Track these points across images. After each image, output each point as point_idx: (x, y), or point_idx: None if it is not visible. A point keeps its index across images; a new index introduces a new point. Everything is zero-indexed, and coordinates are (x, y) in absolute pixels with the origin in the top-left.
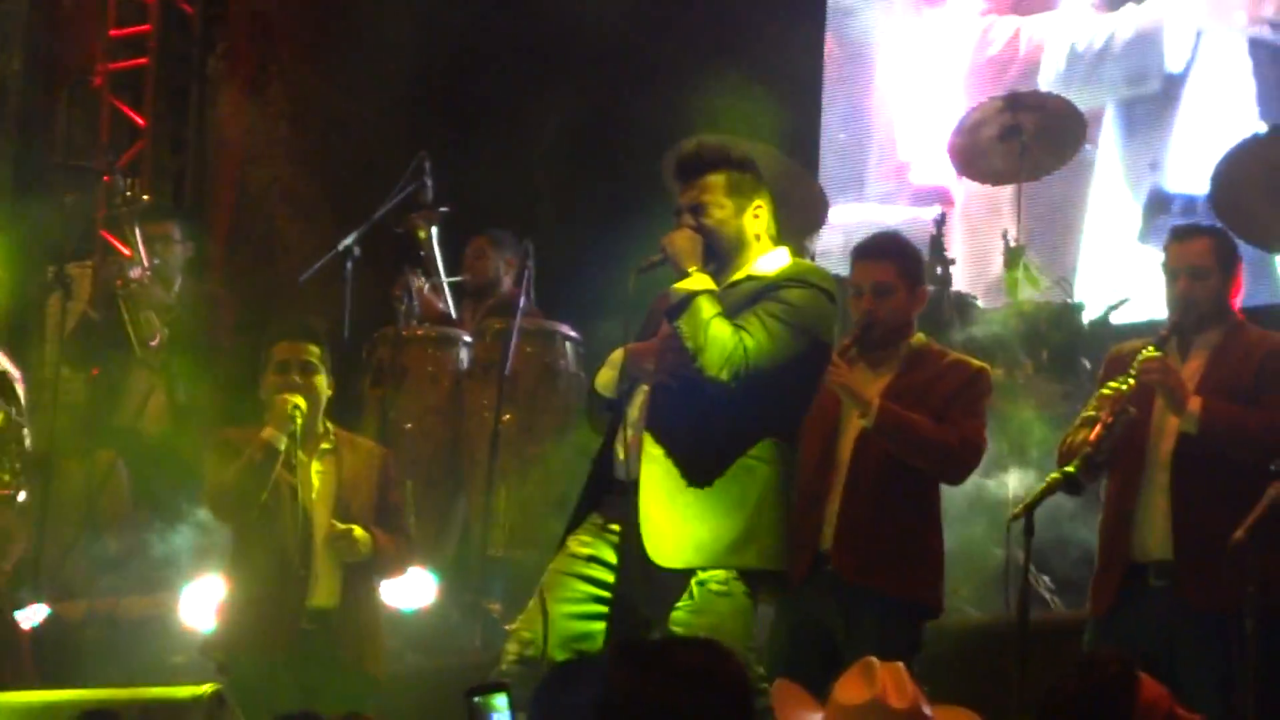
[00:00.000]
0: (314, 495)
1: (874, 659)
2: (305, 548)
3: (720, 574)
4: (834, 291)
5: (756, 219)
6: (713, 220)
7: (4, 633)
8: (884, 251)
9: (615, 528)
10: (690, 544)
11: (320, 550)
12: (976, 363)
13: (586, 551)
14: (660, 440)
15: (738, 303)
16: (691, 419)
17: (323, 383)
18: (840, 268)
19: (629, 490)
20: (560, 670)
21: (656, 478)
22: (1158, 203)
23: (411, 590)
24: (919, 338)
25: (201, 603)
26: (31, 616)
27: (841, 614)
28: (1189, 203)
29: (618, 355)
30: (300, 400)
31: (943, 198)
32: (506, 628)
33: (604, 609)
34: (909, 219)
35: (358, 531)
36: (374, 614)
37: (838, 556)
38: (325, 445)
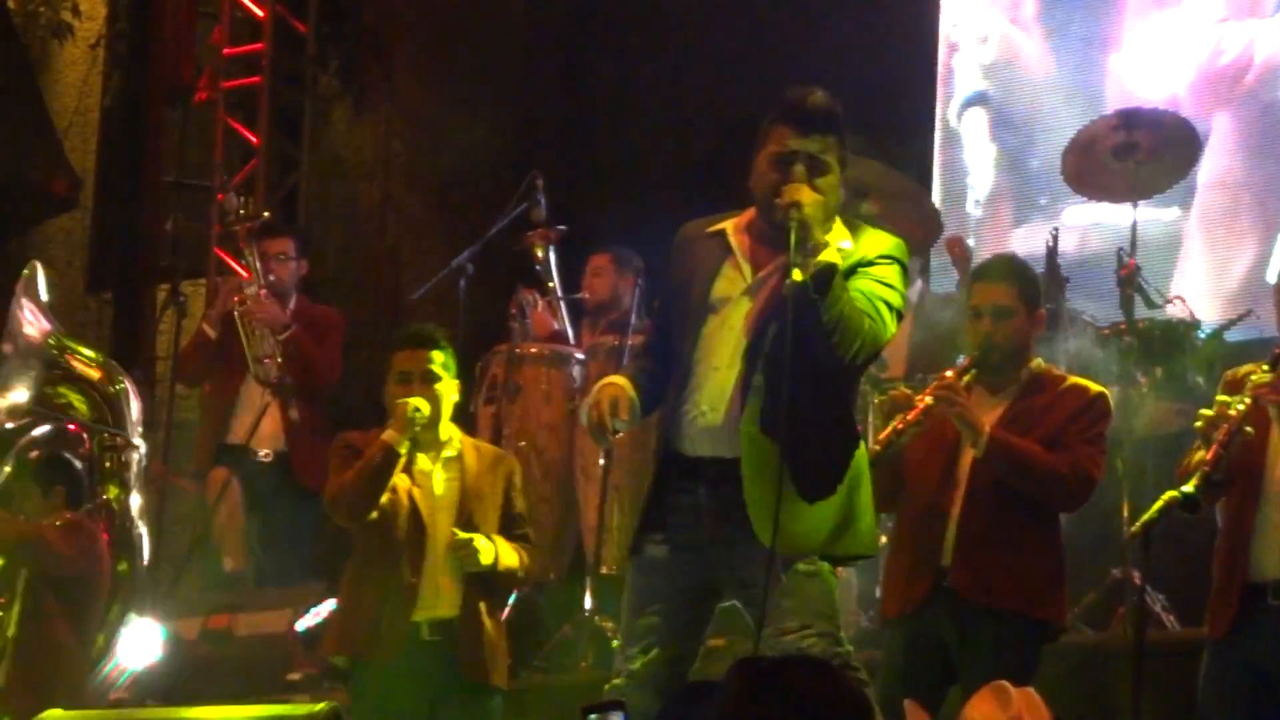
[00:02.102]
0: (436, 503)
1: (1006, 684)
2: (420, 556)
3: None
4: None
5: (839, 191)
6: (826, 184)
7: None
8: (1004, 273)
9: (687, 518)
10: (802, 530)
11: (441, 560)
12: (1095, 387)
13: (665, 555)
14: (790, 433)
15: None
16: (821, 414)
17: (446, 389)
18: None
19: (696, 467)
20: (687, 689)
21: (759, 463)
22: None
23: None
24: (1038, 363)
25: (318, 622)
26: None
27: (958, 631)
28: None
29: (625, 385)
30: (421, 403)
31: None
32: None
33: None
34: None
35: (479, 540)
36: (497, 624)
37: (956, 573)
38: (449, 452)
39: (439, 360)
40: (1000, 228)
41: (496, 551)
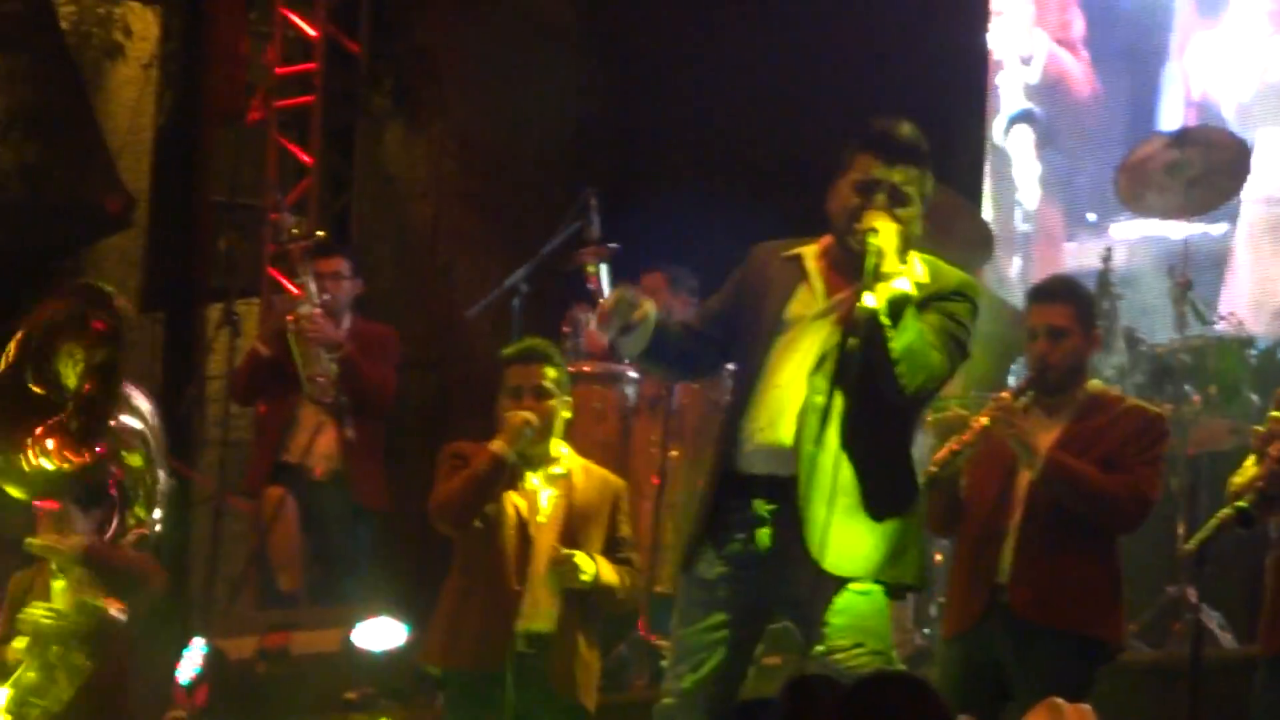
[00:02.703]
0: (540, 519)
1: (1059, 700)
2: (523, 569)
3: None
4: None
5: (919, 223)
6: (907, 215)
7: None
8: (1059, 294)
9: (739, 535)
10: (855, 554)
11: (542, 574)
12: (1153, 409)
13: (716, 572)
14: (856, 465)
15: None
16: (884, 441)
17: (557, 405)
18: None
19: (750, 483)
20: (739, 707)
21: (818, 482)
22: None
23: None
24: (1094, 383)
25: (373, 640)
26: (191, 656)
27: (1014, 649)
28: None
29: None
30: (531, 416)
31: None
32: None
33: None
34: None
35: (579, 557)
36: (591, 644)
37: (1013, 591)
38: (557, 469)
39: (551, 375)
40: (1049, 244)
41: (597, 570)
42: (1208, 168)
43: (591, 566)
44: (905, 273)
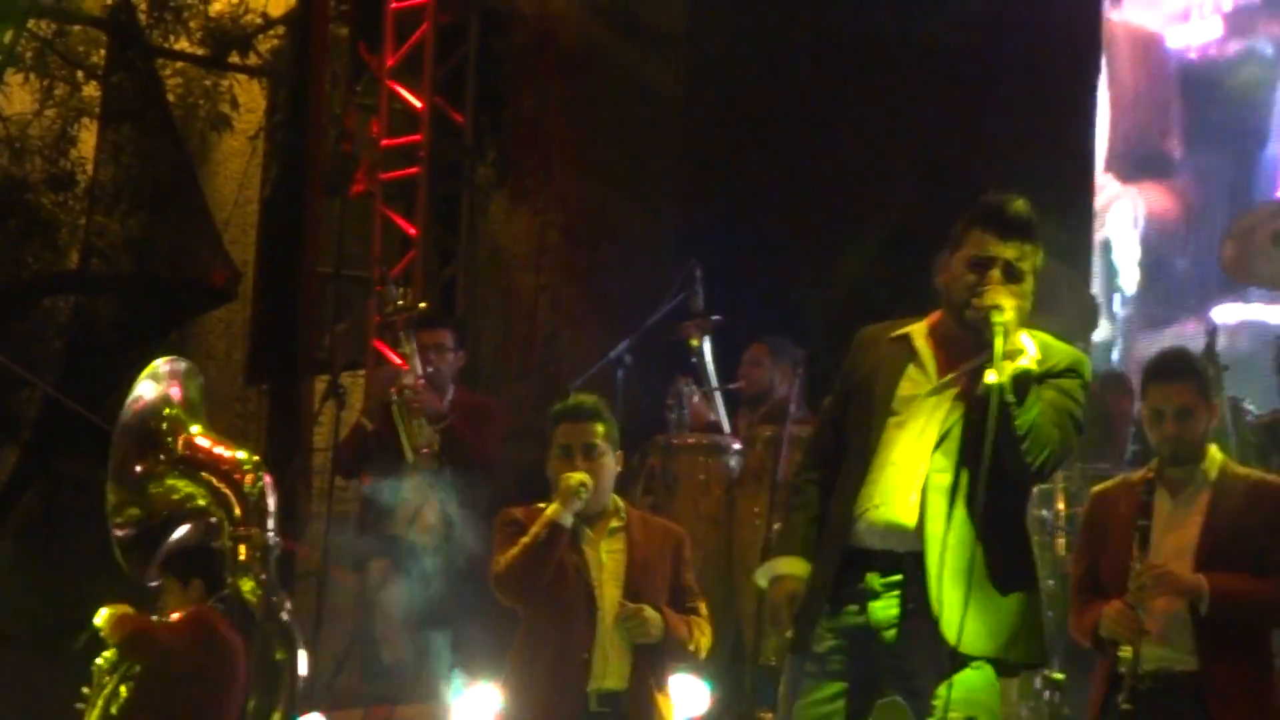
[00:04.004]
0: (603, 575)
1: None
2: (591, 628)
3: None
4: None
5: (1030, 299)
6: (1020, 291)
7: None
8: (1183, 372)
9: (852, 608)
10: (983, 631)
11: (609, 631)
12: (1276, 479)
13: (828, 645)
14: (983, 537)
15: None
16: (1007, 519)
17: (610, 461)
18: None
19: (864, 559)
20: None
21: (956, 562)
22: None
23: (684, 701)
24: (1214, 452)
25: (475, 711)
26: None
27: None
28: None
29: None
30: (585, 477)
31: None
32: None
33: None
34: None
35: (648, 611)
36: (664, 693)
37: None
38: (615, 524)
39: (601, 432)
40: (1149, 327)
41: (665, 622)
42: None
43: (659, 619)
44: (1025, 350)
